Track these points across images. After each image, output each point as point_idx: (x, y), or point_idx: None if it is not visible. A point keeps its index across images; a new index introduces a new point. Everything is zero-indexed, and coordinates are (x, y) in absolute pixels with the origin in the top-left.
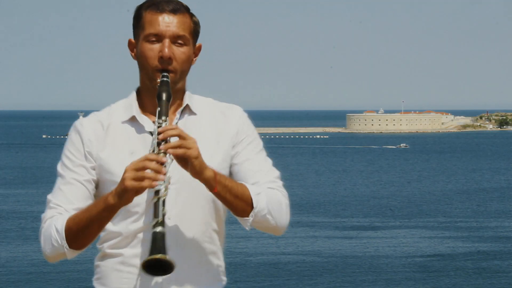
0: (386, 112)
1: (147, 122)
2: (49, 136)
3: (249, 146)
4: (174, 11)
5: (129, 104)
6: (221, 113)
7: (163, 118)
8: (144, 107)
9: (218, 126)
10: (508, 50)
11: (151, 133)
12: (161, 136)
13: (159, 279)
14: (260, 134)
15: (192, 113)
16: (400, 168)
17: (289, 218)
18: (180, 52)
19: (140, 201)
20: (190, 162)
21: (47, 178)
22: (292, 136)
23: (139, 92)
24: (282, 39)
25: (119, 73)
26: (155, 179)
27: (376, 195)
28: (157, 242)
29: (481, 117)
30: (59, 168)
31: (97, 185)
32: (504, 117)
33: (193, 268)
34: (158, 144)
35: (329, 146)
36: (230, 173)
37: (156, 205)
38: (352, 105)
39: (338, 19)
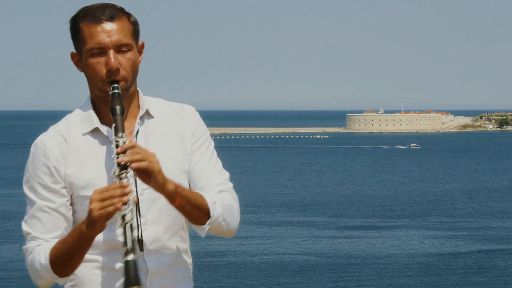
0: (386, 112)
1: (110, 132)
2: None
3: (202, 146)
4: (111, 19)
5: (88, 115)
6: (176, 114)
7: (119, 134)
8: (102, 117)
9: (177, 128)
10: (508, 50)
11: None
12: (121, 158)
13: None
14: (261, 134)
15: (150, 116)
16: (403, 167)
17: (239, 220)
18: (126, 59)
19: None
20: (153, 176)
21: None
22: (292, 136)
23: (93, 101)
24: (282, 39)
25: None
26: (120, 202)
27: (379, 195)
28: (130, 273)
29: (481, 117)
30: (28, 191)
31: (72, 203)
32: (504, 117)
33: (172, 268)
34: (119, 163)
35: (337, 147)
36: None
37: (124, 232)
38: (352, 105)
39: (338, 19)
